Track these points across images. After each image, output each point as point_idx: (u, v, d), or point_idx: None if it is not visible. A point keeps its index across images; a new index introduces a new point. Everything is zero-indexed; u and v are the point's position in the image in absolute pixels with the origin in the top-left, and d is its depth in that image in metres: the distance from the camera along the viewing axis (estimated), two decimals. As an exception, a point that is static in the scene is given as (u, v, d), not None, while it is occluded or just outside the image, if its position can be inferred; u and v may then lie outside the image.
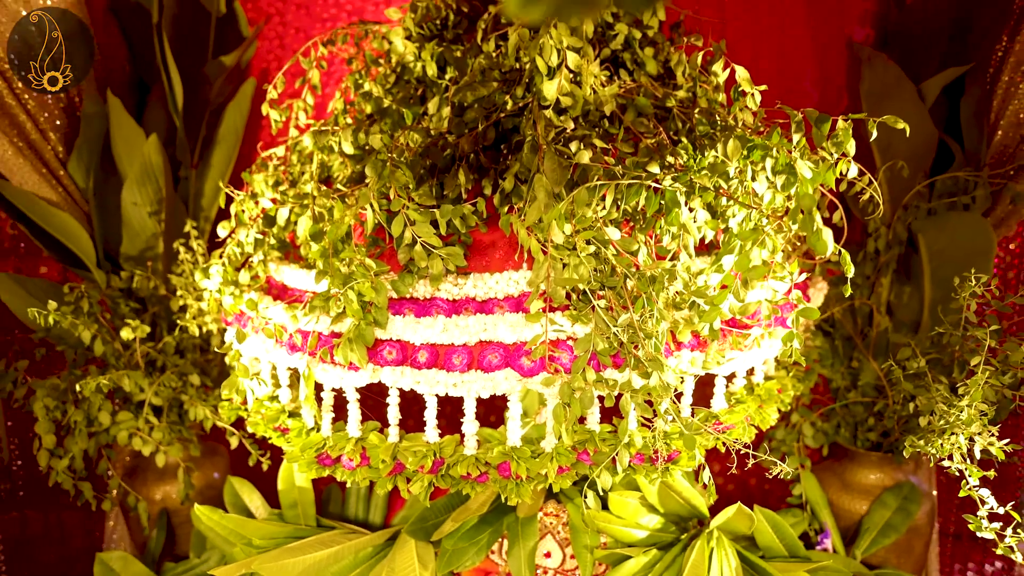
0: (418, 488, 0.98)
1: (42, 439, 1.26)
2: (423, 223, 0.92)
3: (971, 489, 0.96)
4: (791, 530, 1.22)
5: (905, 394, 1.22)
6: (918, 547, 1.44)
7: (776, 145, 0.93)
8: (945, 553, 1.63)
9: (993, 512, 0.94)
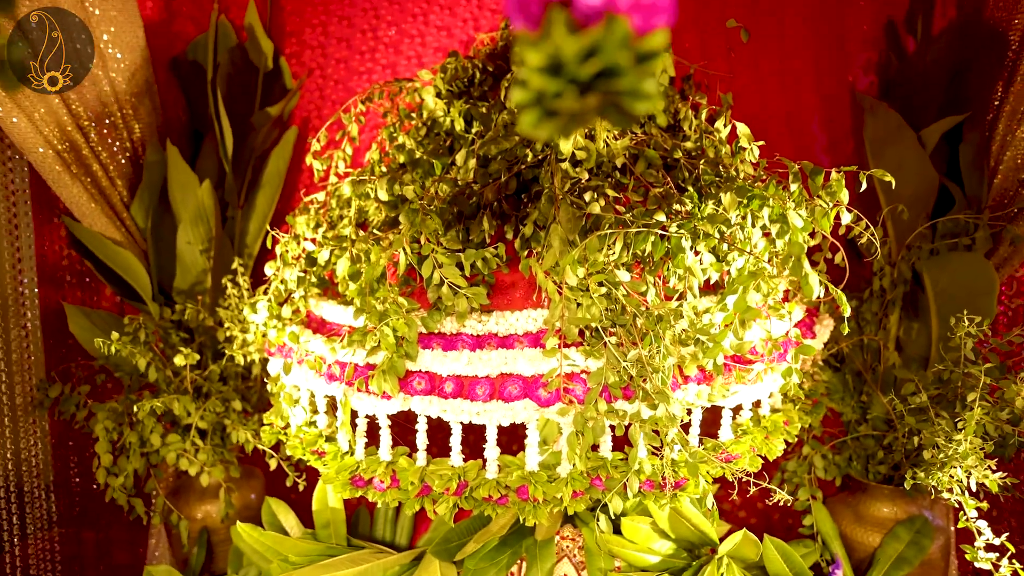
0: (443, 509, 1.07)
1: (101, 458, 1.39)
2: (450, 265, 1.03)
3: (968, 520, 1.01)
4: (800, 559, 1.27)
5: (910, 428, 1.28)
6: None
7: (772, 195, 1.03)
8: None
9: (990, 544, 0.99)
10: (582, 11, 0.37)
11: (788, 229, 0.99)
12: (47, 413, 1.48)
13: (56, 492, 1.49)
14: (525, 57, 0.38)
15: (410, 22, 1.73)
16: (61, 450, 1.54)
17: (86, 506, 1.62)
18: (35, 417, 1.47)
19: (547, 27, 0.37)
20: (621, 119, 0.38)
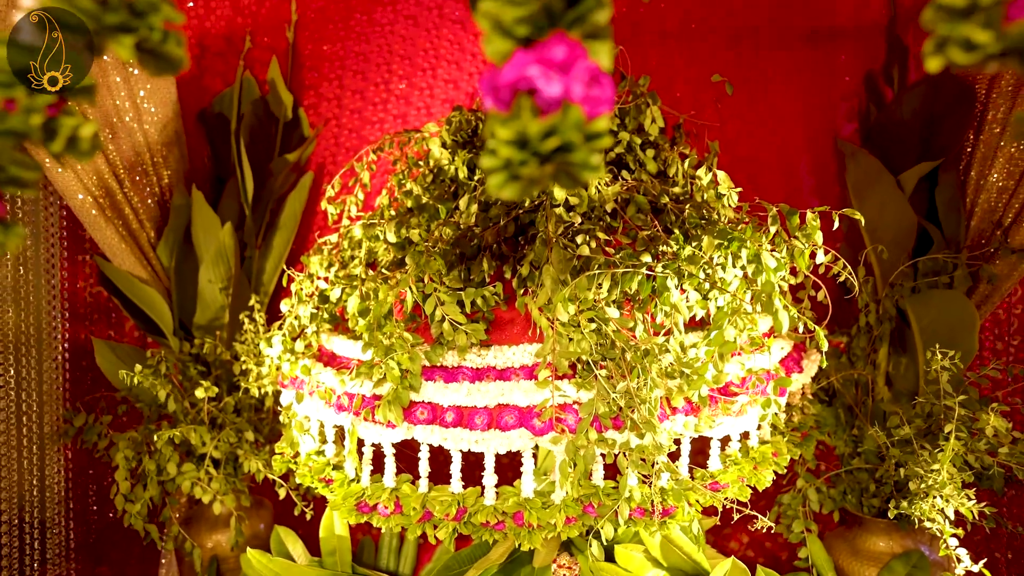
0: (444, 534, 1.14)
1: (119, 485, 1.47)
2: (451, 304, 1.12)
3: (947, 548, 1.06)
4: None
5: (896, 460, 1.33)
6: (928, 615, 1.49)
7: (749, 238, 1.12)
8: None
9: (970, 571, 1.04)
10: (544, 99, 0.46)
11: (763, 269, 1.07)
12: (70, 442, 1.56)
13: (75, 520, 1.57)
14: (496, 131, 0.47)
15: (419, 76, 1.87)
16: (81, 479, 1.63)
17: (101, 535, 1.69)
18: (59, 446, 1.56)
19: (516, 109, 0.47)
20: (571, 183, 0.47)
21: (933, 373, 1.21)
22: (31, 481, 1.47)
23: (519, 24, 0.45)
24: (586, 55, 0.45)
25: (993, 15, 0.44)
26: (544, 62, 0.44)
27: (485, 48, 0.47)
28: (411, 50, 1.86)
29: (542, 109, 0.46)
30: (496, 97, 0.46)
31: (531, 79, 0.43)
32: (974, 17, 0.45)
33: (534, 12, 0.45)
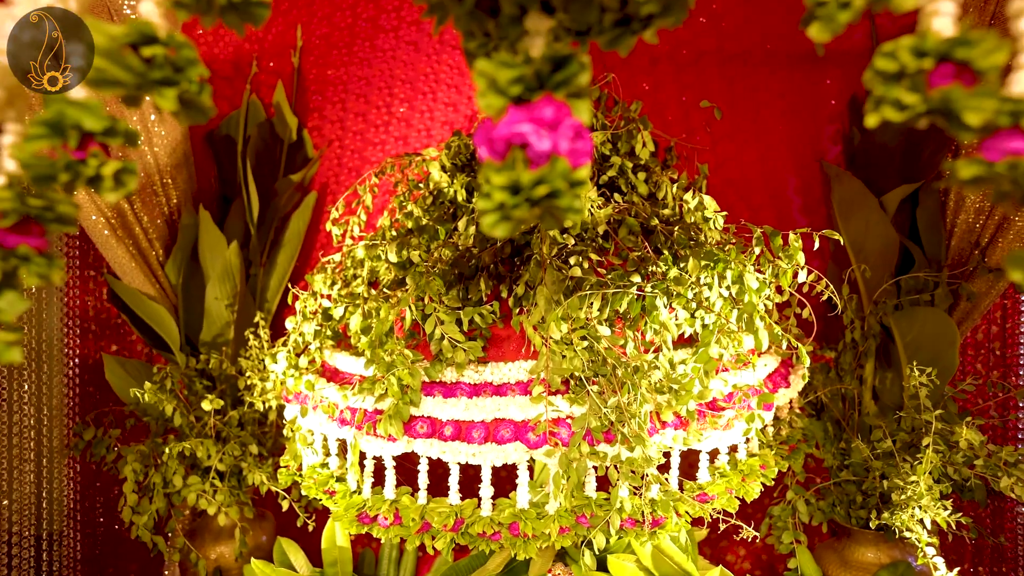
0: (442, 544, 1.19)
1: (127, 497, 1.52)
2: (450, 322, 1.19)
3: (924, 557, 1.11)
4: (781, 600, 1.36)
5: (880, 472, 1.38)
6: (915, 625, 1.53)
7: (734, 259, 1.18)
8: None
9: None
10: (535, 152, 0.53)
11: (745, 289, 1.13)
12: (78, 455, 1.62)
13: (82, 532, 1.62)
14: (490, 177, 0.54)
15: (420, 99, 1.95)
16: (88, 491, 1.68)
17: (106, 548, 1.73)
18: (68, 459, 1.61)
19: (510, 160, 0.54)
20: (556, 224, 0.54)
21: (912, 389, 1.27)
22: (41, 493, 1.52)
23: (512, 84, 0.52)
24: (570, 113, 0.52)
25: (918, 80, 0.51)
26: (536, 120, 0.50)
27: (480, 103, 0.54)
28: (412, 74, 1.94)
29: (532, 161, 0.53)
30: (491, 148, 0.53)
31: (524, 135, 0.50)
32: (903, 81, 0.52)
33: (525, 74, 0.52)
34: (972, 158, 0.52)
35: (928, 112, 0.52)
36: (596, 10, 0.54)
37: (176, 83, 0.55)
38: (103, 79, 0.55)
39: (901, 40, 0.53)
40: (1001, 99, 0.50)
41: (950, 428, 1.22)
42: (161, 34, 0.55)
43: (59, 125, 0.55)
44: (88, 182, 0.56)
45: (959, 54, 0.50)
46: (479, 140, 0.54)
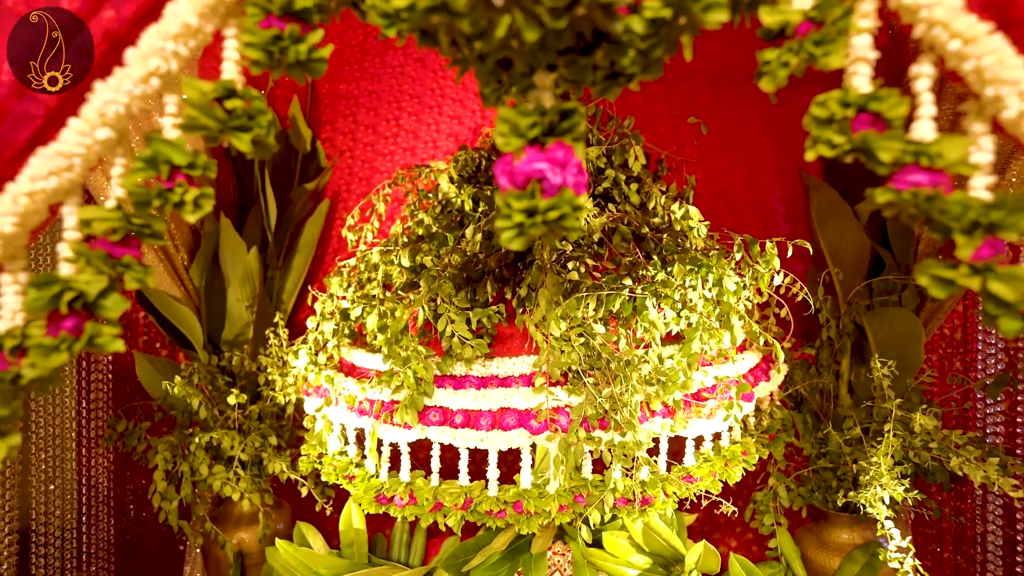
0: (452, 521, 1.33)
1: (157, 484, 1.66)
2: (460, 321, 1.33)
3: (883, 529, 1.26)
4: (759, 572, 1.51)
5: (850, 456, 1.53)
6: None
7: (715, 264, 1.33)
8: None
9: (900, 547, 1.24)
10: (550, 184, 0.67)
11: (724, 291, 1.28)
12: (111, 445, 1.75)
13: (115, 517, 1.75)
14: (511, 203, 0.68)
15: (427, 112, 2.09)
16: (120, 479, 1.81)
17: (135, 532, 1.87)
18: (103, 449, 1.75)
19: (529, 191, 0.68)
20: (559, 238, 0.68)
21: (877, 380, 1.42)
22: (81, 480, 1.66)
23: (530, 129, 0.66)
24: (574, 154, 0.66)
25: (844, 126, 0.66)
26: (551, 160, 0.65)
27: (500, 143, 0.68)
28: (419, 89, 2.08)
29: (546, 191, 0.67)
30: (512, 180, 0.68)
31: (542, 171, 0.65)
32: (833, 126, 0.67)
33: (541, 122, 0.66)
34: (886, 187, 0.67)
35: (852, 150, 0.67)
36: (590, 69, 0.68)
37: (250, 129, 0.70)
38: (194, 125, 0.69)
39: (831, 94, 0.68)
40: (906, 142, 0.65)
41: (910, 415, 1.37)
42: (240, 89, 0.70)
43: (155, 160, 0.69)
44: (175, 206, 0.71)
45: (873, 106, 0.65)
46: (500, 172, 0.69)
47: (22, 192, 0.68)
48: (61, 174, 0.68)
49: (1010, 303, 0.64)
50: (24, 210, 0.68)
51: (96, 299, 0.71)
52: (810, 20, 0.63)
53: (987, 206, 0.64)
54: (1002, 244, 0.65)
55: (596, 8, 0.59)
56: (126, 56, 0.67)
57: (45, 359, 0.68)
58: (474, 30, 0.62)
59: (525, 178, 0.67)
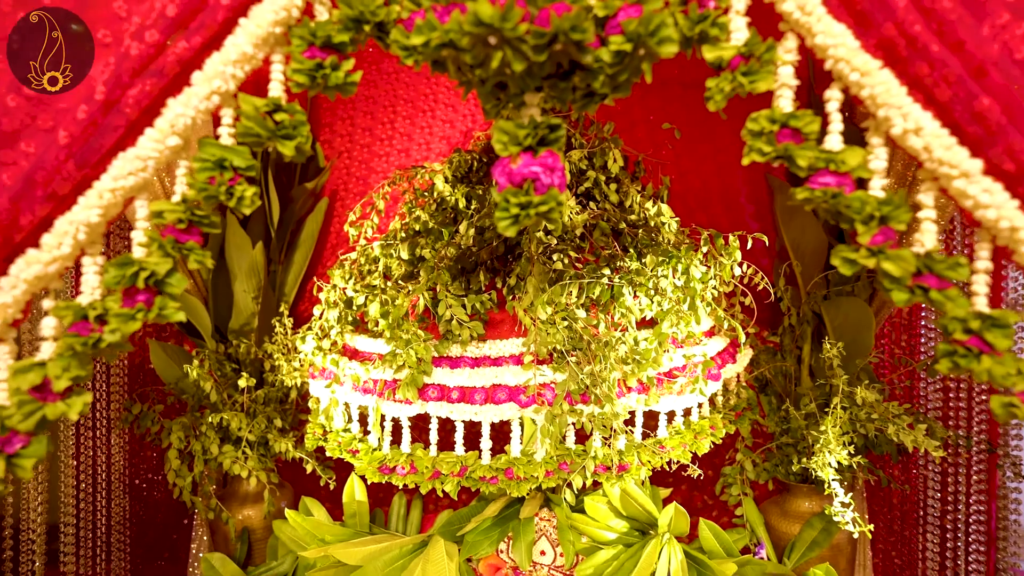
0: (450, 487, 1.50)
1: (171, 463, 1.81)
2: (457, 307, 1.50)
3: (829, 487, 1.46)
4: (728, 538, 1.70)
5: (805, 430, 1.73)
6: (841, 562, 1.88)
7: (683, 256, 1.52)
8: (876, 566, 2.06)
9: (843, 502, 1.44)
10: (542, 184, 0.85)
11: (691, 279, 1.47)
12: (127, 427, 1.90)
13: (130, 495, 1.89)
14: (509, 199, 0.86)
15: (421, 116, 2.26)
16: (135, 459, 1.96)
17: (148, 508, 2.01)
18: (119, 431, 1.89)
19: (525, 188, 0.85)
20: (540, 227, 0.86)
21: (828, 360, 1.62)
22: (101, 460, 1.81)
23: (526, 139, 0.84)
24: (560, 160, 0.84)
25: (771, 137, 0.85)
26: (543, 165, 0.82)
27: (499, 149, 0.86)
28: (413, 95, 2.25)
29: (538, 189, 0.85)
30: (510, 180, 0.85)
31: (536, 173, 0.82)
32: (762, 138, 0.85)
33: (533, 133, 0.84)
34: (804, 187, 0.86)
35: (777, 157, 0.86)
36: (570, 90, 0.86)
37: (294, 137, 0.87)
38: (249, 134, 0.86)
39: (761, 112, 0.87)
40: (819, 151, 0.84)
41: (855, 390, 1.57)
42: (285, 105, 0.87)
43: (220, 163, 0.86)
44: (237, 201, 0.87)
45: (793, 123, 0.84)
46: (500, 173, 0.87)
47: (106, 189, 0.84)
48: (138, 174, 0.85)
49: (898, 278, 0.83)
50: (107, 204, 0.85)
51: (164, 277, 0.87)
52: (741, 55, 0.82)
53: (880, 202, 0.83)
54: (892, 232, 0.84)
55: (570, 44, 0.77)
56: (193, 78, 0.84)
57: (124, 326, 0.85)
58: (475, 61, 0.80)
59: (522, 178, 0.84)
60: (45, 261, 0.85)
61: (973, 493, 1.72)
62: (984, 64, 0.77)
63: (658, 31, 0.75)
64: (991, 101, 0.77)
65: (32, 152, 0.83)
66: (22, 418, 0.83)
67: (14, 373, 0.84)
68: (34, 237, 0.85)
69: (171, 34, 0.81)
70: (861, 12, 0.80)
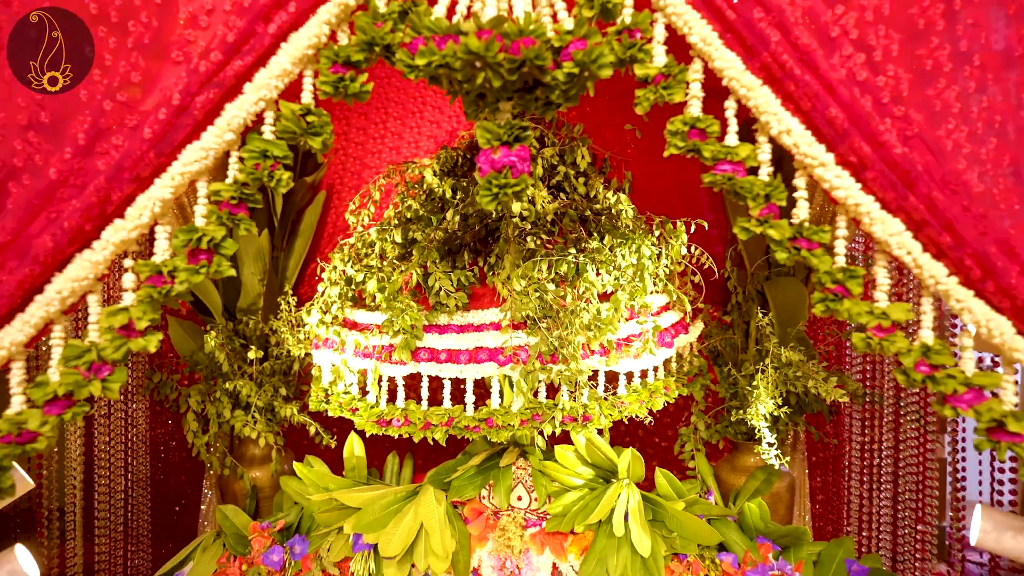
0: (439, 435, 1.79)
1: (190, 425, 2.07)
2: (445, 280, 1.79)
3: (759, 431, 1.77)
4: (680, 484, 2.00)
5: (744, 389, 2.04)
6: (780, 508, 2.19)
7: (637, 238, 1.82)
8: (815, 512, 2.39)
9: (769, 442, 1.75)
10: (517, 170, 1.14)
11: (642, 256, 1.77)
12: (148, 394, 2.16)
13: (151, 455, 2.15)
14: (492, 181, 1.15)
15: (410, 117, 2.55)
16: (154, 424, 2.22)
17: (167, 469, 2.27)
18: (141, 398, 2.15)
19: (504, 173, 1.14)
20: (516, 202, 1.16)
21: (764, 328, 1.93)
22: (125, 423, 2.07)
23: (504, 135, 1.13)
24: (529, 153, 1.13)
25: (684, 134, 1.15)
26: (518, 156, 1.12)
27: (482, 143, 1.15)
28: (404, 97, 2.54)
29: (514, 174, 1.14)
30: (492, 167, 1.14)
31: (513, 162, 1.11)
32: (678, 136, 1.16)
33: (510, 132, 1.13)
34: (709, 172, 1.16)
35: (689, 150, 1.16)
36: (533, 101, 1.15)
37: (321, 134, 1.16)
38: (286, 131, 1.15)
39: (677, 117, 1.17)
40: (720, 146, 1.14)
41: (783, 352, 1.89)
42: (314, 109, 1.16)
43: (264, 153, 1.14)
44: (276, 183, 1.16)
45: (699, 125, 1.14)
46: (483, 161, 1.16)
47: (177, 172, 1.12)
48: (201, 161, 1.12)
49: (779, 240, 1.14)
50: (176, 184, 1.12)
51: (220, 241, 1.15)
52: (661, 74, 1.12)
53: (765, 184, 1.13)
54: (775, 207, 1.15)
55: (534, 67, 1.06)
56: (245, 88, 1.12)
57: (191, 278, 1.12)
58: (464, 78, 1.09)
59: (501, 166, 1.14)
60: (128, 228, 1.12)
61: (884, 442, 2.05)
62: (833, 84, 1.08)
63: (598, 59, 1.05)
64: (838, 110, 1.08)
65: (121, 144, 1.10)
66: (113, 350, 1.10)
67: (107, 315, 1.11)
68: (121, 209, 1.12)
69: (230, 55, 1.09)
70: (747, 44, 1.10)
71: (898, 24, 1.10)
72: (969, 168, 1.10)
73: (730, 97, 1.16)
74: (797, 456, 2.32)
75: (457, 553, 1.92)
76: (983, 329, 1.12)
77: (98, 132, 1.10)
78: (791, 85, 1.10)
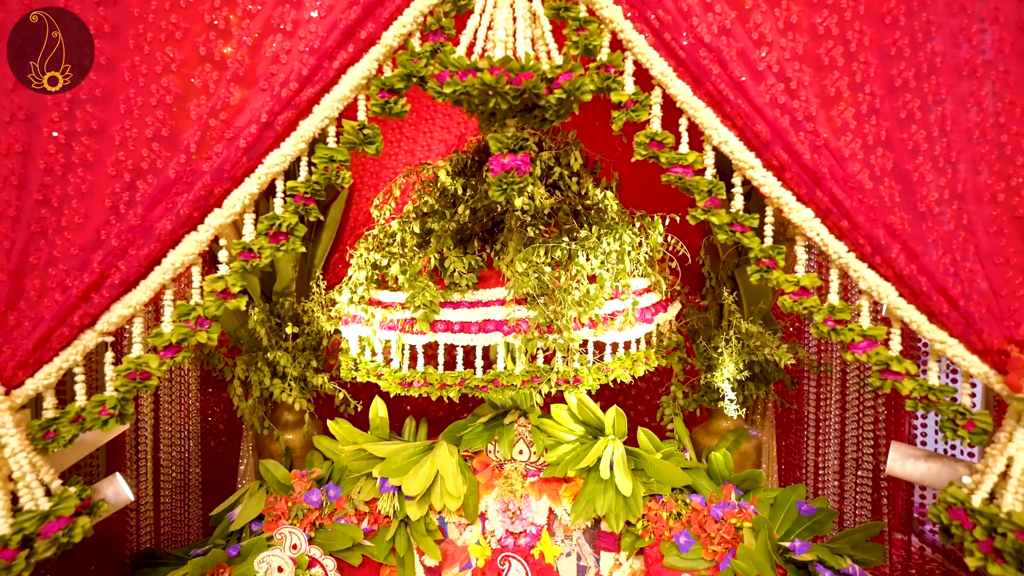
0: (454, 393, 2.19)
1: (236, 390, 2.48)
2: (458, 263, 2.20)
3: (722, 387, 2.17)
4: (660, 442, 2.41)
5: (713, 360, 2.45)
6: (747, 466, 2.60)
7: (620, 228, 2.23)
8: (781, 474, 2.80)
9: (731, 399, 2.16)
10: (520, 171, 1.55)
11: (623, 242, 2.18)
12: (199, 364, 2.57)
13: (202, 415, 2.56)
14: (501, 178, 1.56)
15: (424, 123, 2.96)
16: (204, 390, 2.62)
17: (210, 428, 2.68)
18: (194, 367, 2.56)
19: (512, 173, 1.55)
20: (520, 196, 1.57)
21: (732, 307, 2.34)
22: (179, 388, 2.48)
23: (511, 144, 1.54)
24: (529, 157, 1.54)
25: (646, 145, 1.56)
26: (521, 160, 1.52)
27: (493, 149, 1.56)
28: (418, 105, 2.94)
29: (518, 173, 1.55)
30: (502, 168, 1.55)
31: (517, 164, 1.52)
32: (643, 143, 1.56)
33: (516, 142, 1.54)
34: (667, 174, 1.57)
35: (650, 157, 1.57)
36: (532, 118, 1.56)
37: (374, 143, 1.57)
38: (347, 141, 1.56)
39: (641, 131, 1.58)
40: (673, 153, 1.55)
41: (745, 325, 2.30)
42: (367, 124, 1.57)
43: (330, 158, 1.55)
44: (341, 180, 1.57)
45: (657, 138, 1.55)
46: (495, 164, 1.57)
47: (262, 173, 1.52)
48: (280, 165, 1.53)
49: (720, 225, 1.55)
50: (262, 182, 1.53)
51: (293, 226, 1.56)
52: (631, 99, 1.53)
53: (709, 183, 1.54)
54: (717, 200, 1.55)
55: (532, 94, 1.46)
56: (314, 109, 1.53)
57: (274, 254, 1.53)
58: (480, 102, 1.49)
59: (509, 167, 1.54)
60: (225, 215, 1.53)
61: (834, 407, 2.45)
62: (759, 106, 1.48)
63: (581, 88, 1.46)
64: (764, 126, 1.49)
65: (221, 152, 1.50)
66: (214, 308, 1.51)
67: (210, 281, 1.52)
68: (220, 200, 1.53)
69: (303, 84, 1.50)
70: (695, 76, 1.51)
71: (809, 61, 1.51)
72: (862, 171, 1.51)
73: (683, 115, 1.57)
74: (767, 423, 2.73)
75: (467, 497, 2.32)
76: (874, 292, 1.52)
77: (204, 143, 1.50)
78: (728, 107, 1.51)
